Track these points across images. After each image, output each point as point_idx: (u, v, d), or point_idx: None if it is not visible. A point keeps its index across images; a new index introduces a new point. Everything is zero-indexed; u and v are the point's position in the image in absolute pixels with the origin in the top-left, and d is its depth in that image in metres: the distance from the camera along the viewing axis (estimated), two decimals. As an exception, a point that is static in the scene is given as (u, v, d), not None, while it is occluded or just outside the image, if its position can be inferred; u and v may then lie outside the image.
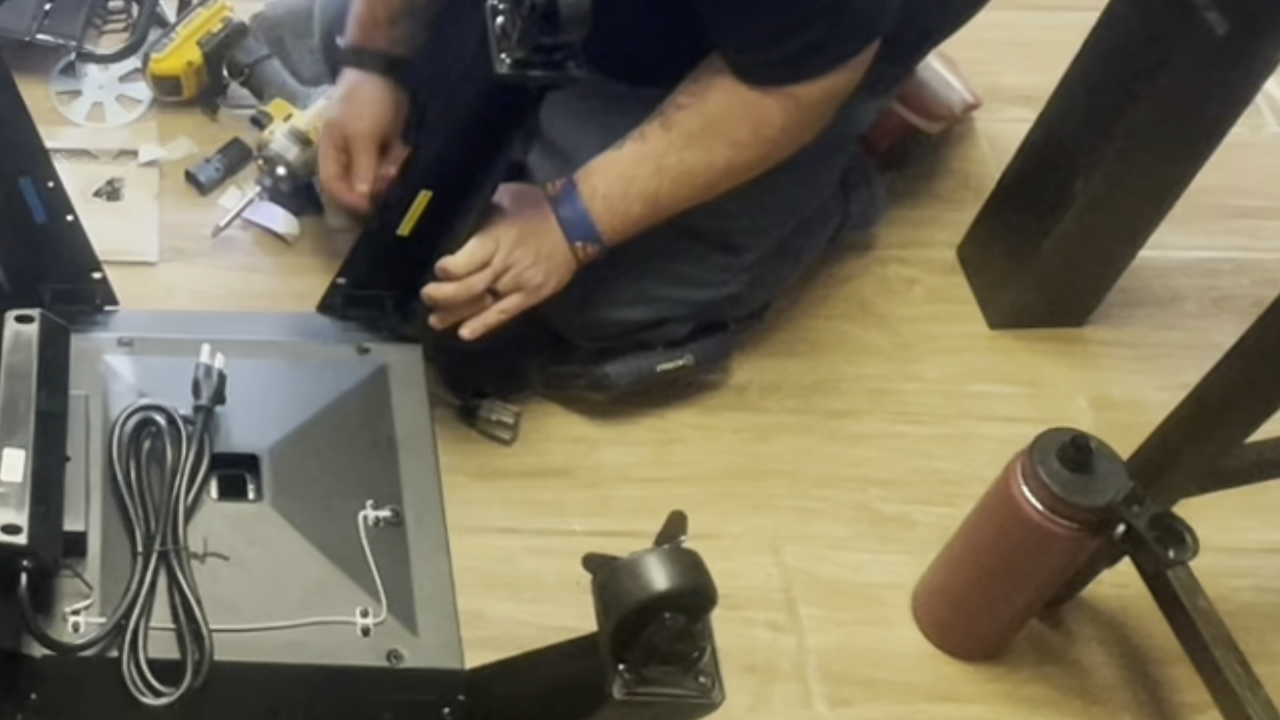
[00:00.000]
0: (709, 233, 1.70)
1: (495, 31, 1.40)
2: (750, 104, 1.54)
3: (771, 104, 1.54)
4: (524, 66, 1.40)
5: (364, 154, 1.68)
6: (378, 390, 1.55)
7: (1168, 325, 1.92)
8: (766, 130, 1.55)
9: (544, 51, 1.39)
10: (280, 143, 1.87)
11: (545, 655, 1.31)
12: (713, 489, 1.74)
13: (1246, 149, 1.98)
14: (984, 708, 1.60)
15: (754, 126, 1.55)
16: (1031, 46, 2.08)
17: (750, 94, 1.54)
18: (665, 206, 1.59)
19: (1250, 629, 1.58)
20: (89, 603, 1.35)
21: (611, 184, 1.58)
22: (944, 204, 2.02)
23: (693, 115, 1.56)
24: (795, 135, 1.58)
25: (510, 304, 1.60)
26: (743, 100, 1.54)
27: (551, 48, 1.38)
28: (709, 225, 1.68)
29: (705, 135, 1.56)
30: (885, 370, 1.86)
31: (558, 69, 1.40)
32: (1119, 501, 1.40)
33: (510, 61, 1.40)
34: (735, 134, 1.56)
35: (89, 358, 1.51)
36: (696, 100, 1.56)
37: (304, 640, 1.35)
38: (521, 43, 1.38)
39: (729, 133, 1.55)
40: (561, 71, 1.41)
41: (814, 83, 1.53)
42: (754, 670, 1.60)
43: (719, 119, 1.55)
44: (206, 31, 1.99)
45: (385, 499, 1.46)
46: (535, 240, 1.58)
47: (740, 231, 1.71)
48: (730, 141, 1.56)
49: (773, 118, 1.55)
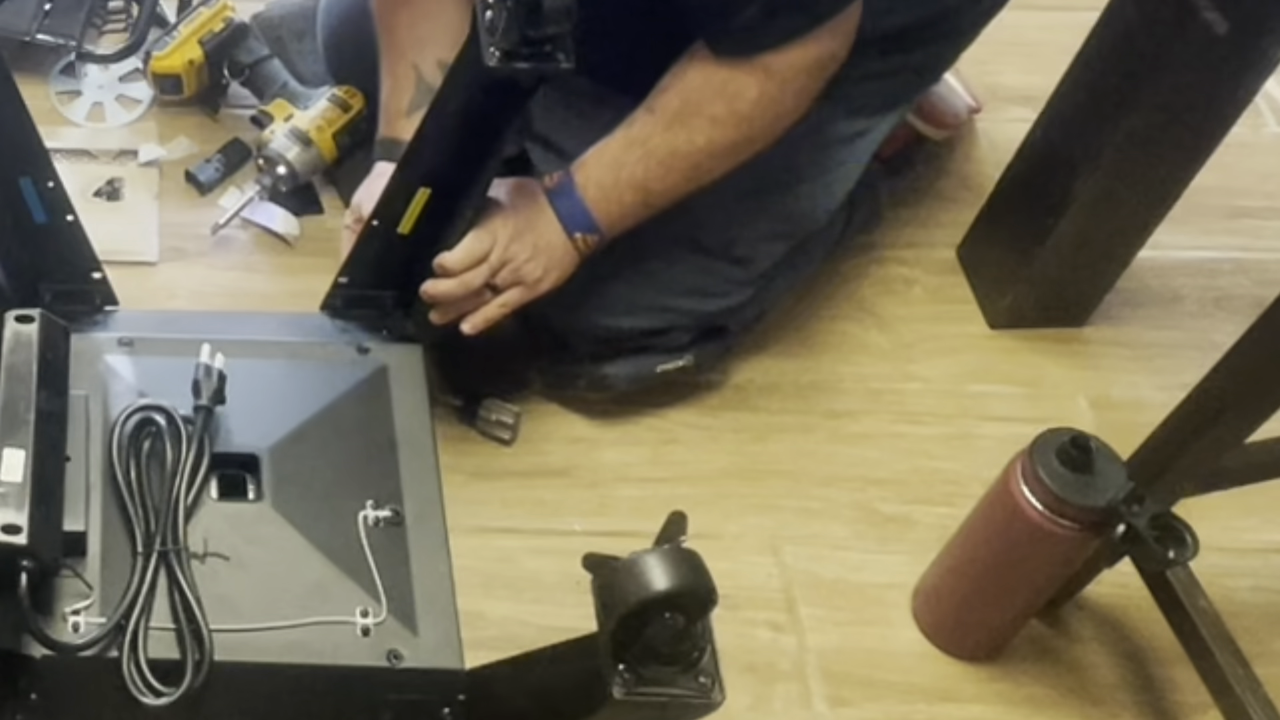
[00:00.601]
0: (717, 245, 1.70)
1: (484, 25, 1.41)
2: (724, 80, 1.53)
3: (743, 77, 1.53)
4: (512, 59, 1.40)
5: None
6: (378, 390, 1.55)
7: (1168, 325, 1.92)
8: (740, 105, 1.54)
9: (531, 44, 1.39)
10: (280, 142, 1.87)
11: (545, 655, 1.31)
12: (713, 489, 1.74)
13: (1246, 149, 1.98)
14: (984, 708, 1.60)
15: (728, 102, 1.54)
16: (1031, 46, 2.08)
17: (722, 69, 1.53)
18: (656, 193, 1.59)
19: (1250, 629, 1.58)
20: (89, 603, 1.34)
21: (604, 172, 1.58)
22: (944, 204, 2.02)
23: (672, 95, 1.56)
24: (772, 110, 1.56)
25: (510, 298, 1.60)
26: (717, 77, 1.53)
27: (539, 40, 1.39)
28: (717, 238, 1.69)
29: (684, 114, 1.55)
30: (885, 370, 1.86)
31: (546, 60, 1.40)
32: (1119, 501, 1.40)
33: (499, 54, 1.40)
34: (712, 110, 1.55)
35: (89, 358, 1.50)
36: (675, 80, 1.56)
37: (304, 640, 1.35)
38: (508, 35, 1.38)
39: (707, 110, 1.55)
40: (550, 63, 1.41)
41: (783, 52, 1.52)
42: (754, 670, 1.60)
43: (695, 96, 1.55)
44: (208, 30, 1.99)
45: (385, 499, 1.45)
46: (533, 234, 1.58)
47: (748, 244, 1.71)
48: (709, 119, 1.55)
49: (745, 91, 1.53)
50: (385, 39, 1.70)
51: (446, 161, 1.55)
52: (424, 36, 1.66)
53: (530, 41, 1.39)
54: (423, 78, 1.66)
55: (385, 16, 1.70)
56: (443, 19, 1.66)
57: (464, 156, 1.54)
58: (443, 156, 1.55)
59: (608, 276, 1.66)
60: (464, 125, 1.52)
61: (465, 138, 1.52)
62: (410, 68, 1.67)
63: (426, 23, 1.66)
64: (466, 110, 1.50)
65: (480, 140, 1.52)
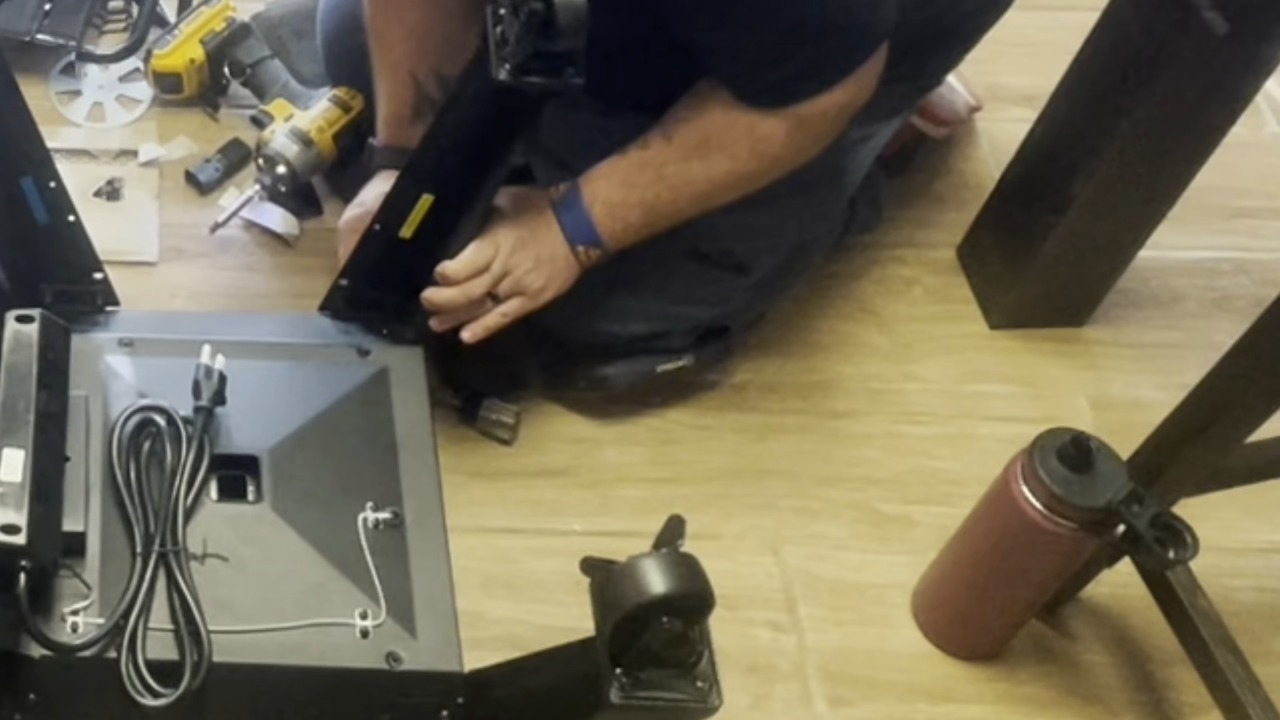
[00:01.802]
0: (717, 254, 1.70)
1: (495, 38, 1.40)
2: (750, 124, 1.53)
3: (773, 123, 1.53)
4: (522, 73, 1.40)
5: None
6: (378, 393, 1.55)
7: (1168, 325, 1.92)
8: (767, 148, 1.54)
9: (542, 58, 1.39)
10: (280, 142, 1.87)
11: (543, 658, 1.31)
12: (713, 489, 1.74)
13: (1246, 149, 1.98)
14: (984, 708, 1.60)
15: (753, 145, 1.54)
16: (1031, 46, 2.07)
17: (750, 114, 1.53)
18: (665, 215, 1.59)
19: (1250, 629, 1.58)
20: (88, 603, 1.34)
21: (613, 190, 1.58)
22: (944, 204, 2.02)
23: (692, 130, 1.55)
24: (798, 151, 1.57)
25: (510, 308, 1.60)
26: (743, 120, 1.53)
27: (550, 54, 1.38)
28: (717, 247, 1.68)
29: (704, 149, 1.55)
30: (885, 370, 1.86)
31: (556, 76, 1.40)
32: (1119, 501, 1.40)
33: (509, 68, 1.40)
34: (734, 150, 1.55)
35: (89, 358, 1.50)
36: (695, 115, 1.55)
37: (303, 642, 1.35)
38: (519, 49, 1.38)
39: (728, 148, 1.55)
40: (560, 78, 1.40)
41: (815, 100, 1.52)
42: (754, 670, 1.60)
43: (717, 135, 1.55)
44: (210, 30, 1.99)
45: (385, 501, 1.45)
46: (535, 244, 1.58)
47: (748, 253, 1.71)
48: (730, 156, 1.55)
49: (773, 136, 1.54)
50: (379, 50, 1.69)
51: (452, 170, 1.55)
52: (419, 49, 1.65)
53: (541, 56, 1.38)
54: (422, 87, 1.66)
55: (378, 27, 1.69)
56: (438, 32, 1.65)
57: (469, 166, 1.54)
58: (448, 164, 1.55)
59: (606, 284, 1.66)
60: (471, 135, 1.52)
61: (472, 147, 1.53)
62: (408, 76, 1.66)
63: (421, 36, 1.65)
64: (473, 121, 1.51)
65: (486, 151, 1.53)
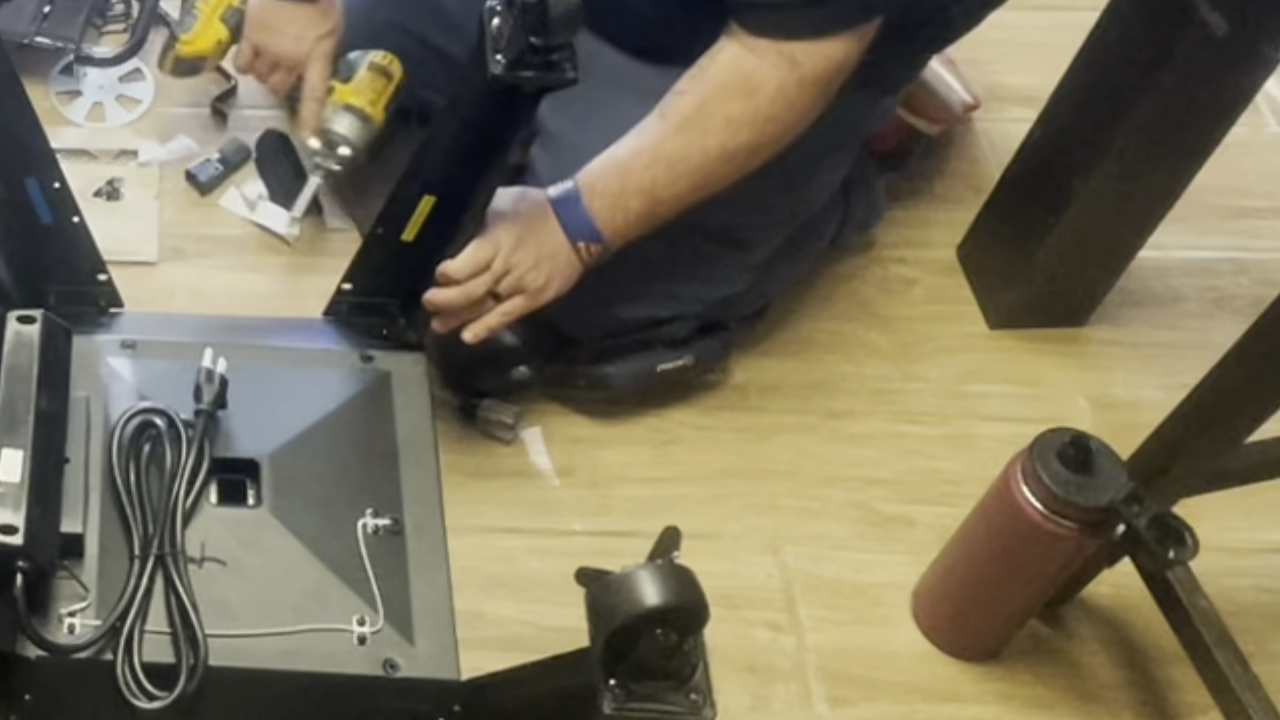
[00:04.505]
0: (717, 229, 1.69)
1: (491, 33, 1.41)
2: (748, 72, 1.53)
3: (767, 69, 1.52)
4: (517, 68, 1.40)
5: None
6: (380, 398, 1.55)
7: (1168, 325, 1.92)
8: (758, 101, 1.53)
9: (537, 52, 1.39)
10: (344, 122, 1.77)
11: (539, 667, 1.31)
12: (713, 489, 1.74)
13: (1246, 149, 1.98)
14: (984, 708, 1.60)
15: (746, 98, 1.53)
16: (1031, 46, 2.08)
17: (748, 59, 1.52)
18: (664, 202, 1.58)
19: (1250, 629, 1.58)
20: (85, 605, 1.35)
21: (610, 181, 1.57)
22: (944, 204, 2.02)
23: (689, 99, 1.55)
24: (786, 112, 1.55)
25: (512, 307, 1.60)
26: (741, 70, 1.53)
27: (544, 49, 1.39)
28: (716, 221, 1.68)
29: (700, 116, 1.55)
30: (885, 370, 1.86)
31: (551, 70, 1.41)
32: (1119, 501, 1.40)
33: (504, 63, 1.40)
34: (728, 110, 1.54)
35: (91, 359, 1.51)
36: (695, 83, 1.55)
37: (300, 647, 1.35)
38: (513, 44, 1.38)
39: (724, 109, 1.54)
40: (555, 73, 1.41)
41: (813, 44, 1.52)
42: (754, 670, 1.60)
43: (714, 95, 1.54)
44: (228, 6, 1.88)
45: (385, 508, 1.45)
46: (536, 243, 1.58)
47: (748, 228, 1.71)
48: (724, 120, 1.54)
49: (766, 84, 1.53)
50: None
51: (451, 170, 1.55)
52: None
53: (536, 50, 1.39)
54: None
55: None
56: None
57: (469, 165, 1.54)
58: (448, 165, 1.55)
59: (611, 266, 1.65)
60: (469, 134, 1.52)
61: (470, 146, 1.53)
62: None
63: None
64: (471, 119, 1.51)
65: (485, 149, 1.52)
